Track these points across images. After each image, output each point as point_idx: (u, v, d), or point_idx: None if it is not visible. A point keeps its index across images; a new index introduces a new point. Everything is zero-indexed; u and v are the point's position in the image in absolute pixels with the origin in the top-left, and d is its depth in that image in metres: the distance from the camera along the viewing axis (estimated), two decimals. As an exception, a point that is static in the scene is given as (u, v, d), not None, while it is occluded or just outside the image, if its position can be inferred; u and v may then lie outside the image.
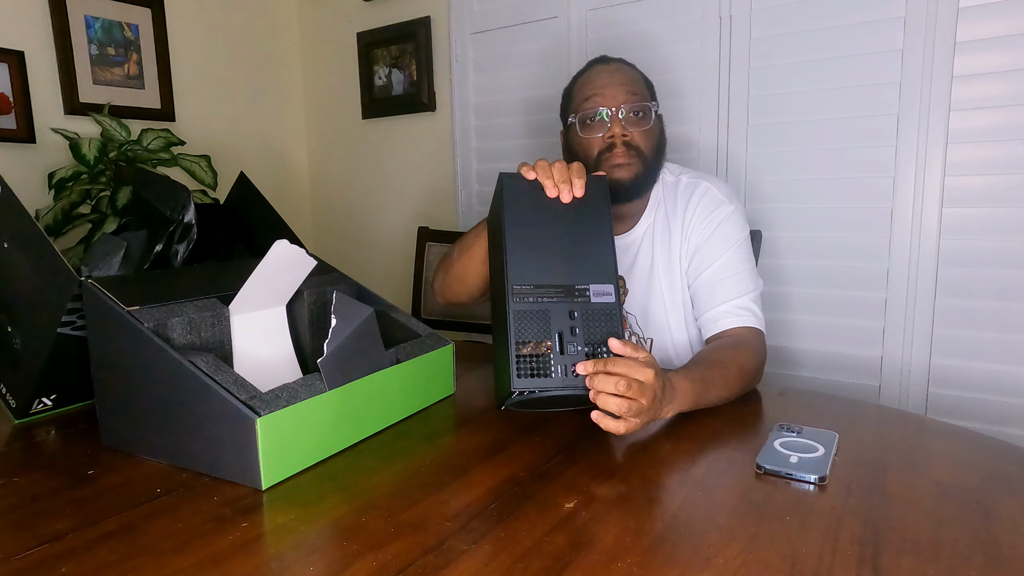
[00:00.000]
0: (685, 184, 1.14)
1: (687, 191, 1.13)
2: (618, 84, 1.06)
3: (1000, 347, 1.35)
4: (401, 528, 0.58)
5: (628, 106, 1.05)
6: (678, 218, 1.12)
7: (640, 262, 1.14)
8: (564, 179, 0.84)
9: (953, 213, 1.38)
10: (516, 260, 0.79)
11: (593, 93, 1.07)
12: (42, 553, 0.55)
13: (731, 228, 1.08)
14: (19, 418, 0.87)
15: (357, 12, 2.25)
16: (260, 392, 0.68)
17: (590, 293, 0.78)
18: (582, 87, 1.10)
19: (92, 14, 1.87)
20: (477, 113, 2.03)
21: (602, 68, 1.10)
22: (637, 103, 1.06)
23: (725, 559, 0.53)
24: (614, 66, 1.11)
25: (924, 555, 0.53)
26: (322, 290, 0.93)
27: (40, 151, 1.79)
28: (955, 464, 0.71)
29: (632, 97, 1.06)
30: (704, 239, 1.09)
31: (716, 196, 1.10)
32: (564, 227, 0.82)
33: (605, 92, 1.06)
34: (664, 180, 1.16)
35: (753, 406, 0.90)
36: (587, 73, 1.12)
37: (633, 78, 1.09)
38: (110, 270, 0.90)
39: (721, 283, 1.06)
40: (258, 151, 2.36)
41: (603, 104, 1.05)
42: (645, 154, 1.07)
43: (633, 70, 1.12)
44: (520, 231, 0.80)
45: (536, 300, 0.77)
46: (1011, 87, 1.30)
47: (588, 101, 1.07)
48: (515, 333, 0.75)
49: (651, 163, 1.09)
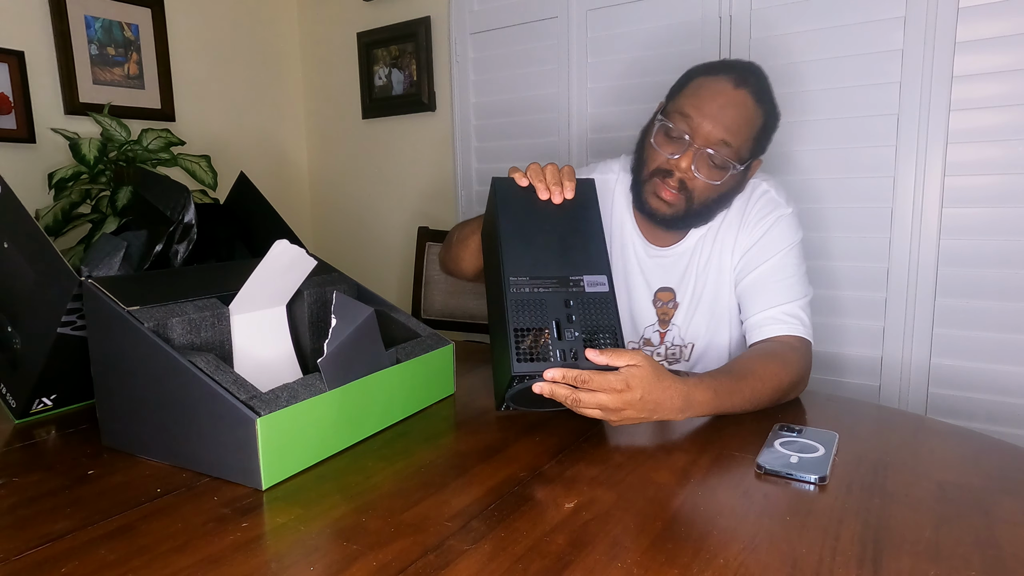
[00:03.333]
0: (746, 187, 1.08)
1: (745, 193, 1.07)
2: (723, 123, 0.94)
3: (1000, 347, 1.35)
4: (401, 528, 0.58)
5: (711, 151, 0.95)
6: (734, 220, 1.06)
7: (690, 274, 1.10)
8: (555, 181, 0.86)
9: (953, 213, 1.38)
10: (511, 255, 0.81)
11: (691, 113, 0.96)
12: (42, 553, 0.55)
13: (784, 231, 1.04)
14: (19, 418, 0.87)
15: (357, 12, 2.25)
16: (260, 392, 0.68)
17: (584, 284, 0.80)
18: (692, 95, 0.98)
19: (92, 14, 1.87)
20: (477, 113, 2.03)
21: (725, 91, 0.95)
22: (723, 156, 0.95)
23: (725, 559, 0.53)
24: (739, 97, 0.95)
25: (924, 555, 0.53)
26: (322, 290, 0.93)
27: (40, 151, 1.79)
28: (955, 464, 0.71)
29: (722, 148, 0.95)
30: (756, 240, 1.04)
31: (774, 198, 1.06)
32: (556, 225, 0.84)
33: (702, 123, 0.95)
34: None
35: (753, 406, 0.90)
36: (709, 83, 0.97)
37: (744, 122, 0.96)
38: (110, 270, 0.90)
39: (768, 287, 1.02)
40: (258, 151, 2.36)
41: (689, 133, 0.96)
42: (695, 204, 1.00)
43: (756, 109, 0.97)
44: (514, 229, 0.83)
45: (532, 290, 0.79)
46: (1011, 87, 1.30)
47: (681, 117, 0.97)
48: (513, 320, 0.76)
49: (698, 212, 1.02)
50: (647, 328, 1.14)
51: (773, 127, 1.02)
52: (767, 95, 0.99)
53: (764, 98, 0.98)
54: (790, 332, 0.98)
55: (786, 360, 0.91)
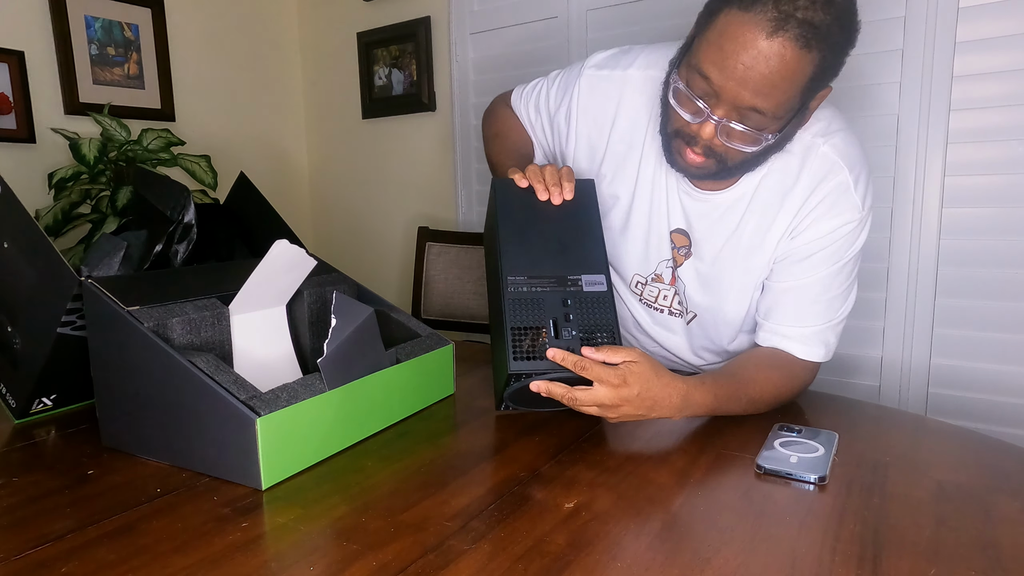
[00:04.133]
0: (822, 157, 0.86)
1: (821, 169, 0.86)
2: (751, 86, 0.74)
3: (1000, 347, 1.35)
4: (401, 528, 0.58)
5: (739, 123, 0.78)
6: (796, 197, 0.88)
7: (720, 230, 0.93)
8: (554, 182, 0.86)
9: (953, 213, 1.38)
10: (510, 254, 0.82)
11: (712, 75, 0.75)
12: (42, 553, 0.55)
13: (847, 242, 0.88)
14: (19, 418, 0.87)
15: (357, 12, 2.25)
16: (260, 392, 0.68)
17: (582, 283, 0.81)
18: (715, 45, 0.75)
19: (92, 14, 1.87)
20: (477, 113, 2.03)
21: (753, 39, 0.72)
22: (753, 124, 0.77)
23: (725, 559, 0.53)
24: (775, 49, 0.71)
25: (924, 555, 0.53)
26: (322, 290, 0.93)
27: (40, 151, 1.79)
28: (955, 464, 0.71)
29: (751, 117, 0.77)
30: (809, 245, 0.88)
31: (851, 200, 0.86)
32: (555, 226, 0.85)
33: (726, 86, 0.75)
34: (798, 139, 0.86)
35: (753, 406, 0.90)
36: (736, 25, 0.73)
37: (780, 83, 0.73)
38: (110, 270, 0.90)
39: (807, 303, 0.90)
40: (258, 151, 2.36)
41: (708, 100, 0.78)
42: (728, 163, 0.84)
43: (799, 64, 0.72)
44: (513, 229, 0.84)
45: (530, 289, 0.80)
46: (1011, 87, 1.30)
47: (701, 79, 0.77)
48: (510, 319, 0.77)
49: (736, 168, 0.86)
50: (661, 263, 1.00)
51: (840, 58, 0.76)
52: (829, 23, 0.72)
53: (820, 32, 0.71)
54: (806, 358, 0.90)
55: (792, 374, 0.89)
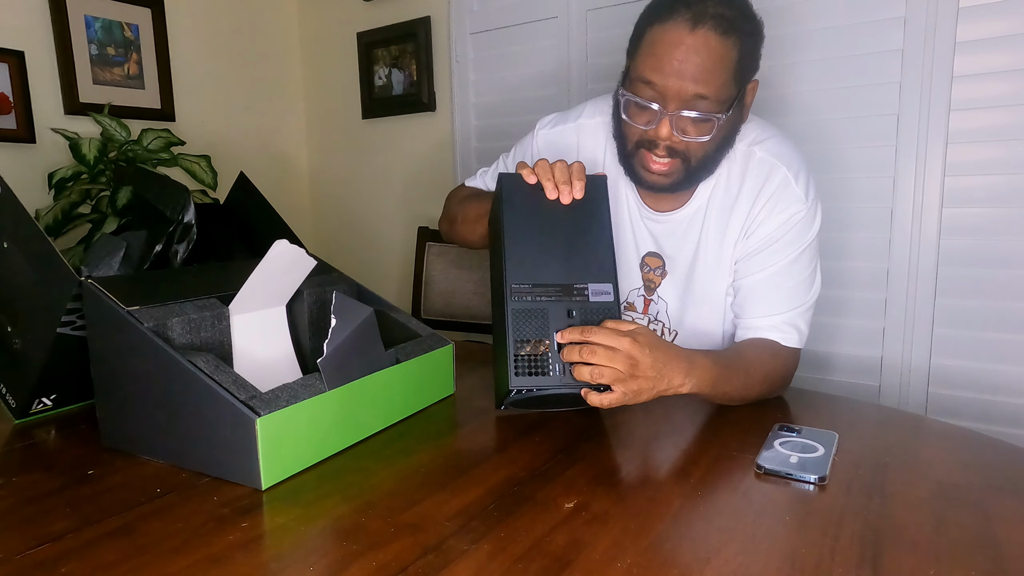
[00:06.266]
0: (759, 161, 0.95)
1: (760, 173, 0.94)
2: (689, 76, 0.83)
3: (1000, 347, 1.35)
4: (401, 528, 0.58)
5: (688, 111, 0.85)
6: (744, 202, 0.95)
7: (687, 244, 1.01)
8: (564, 180, 0.82)
9: (953, 213, 1.37)
10: (515, 260, 0.79)
11: (653, 78, 0.85)
12: (42, 553, 0.55)
13: (799, 232, 0.94)
14: (19, 418, 0.87)
15: (357, 12, 2.25)
16: (260, 392, 0.68)
17: (588, 292, 0.79)
18: (648, 55, 0.85)
19: (92, 14, 1.87)
20: (477, 113, 2.03)
21: (679, 37, 0.82)
22: (702, 111, 0.85)
23: (725, 559, 0.53)
24: (700, 38, 0.82)
25: (924, 555, 0.53)
26: (322, 290, 0.93)
27: (40, 151, 1.79)
28: (955, 464, 0.71)
29: (698, 103, 0.84)
30: (763, 240, 0.95)
31: (794, 193, 0.93)
32: (563, 227, 0.82)
33: (668, 83, 0.83)
34: (734, 151, 0.96)
35: (753, 406, 0.90)
36: (663, 37, 0.84)
37: (715, 65, 0.83)
38: (110, 270, 0.90)
39: (771, 293, 0.95)
40: (258, 151, 2.36)
41: (657, 100, 0.86)
42: (691, 163, 0.90)
43: (723, 49, 0.83)
44: (519, 231, 0.81)
45: (534, 299, 0.78)
46: (1011, 87, 1.30)
47: (644, 86, 0.86)
48: (513, 332, 0.76)
49: (697, 169, 0.92)
50: (632, 292, 1.08)
51: (755, 48, 0.88)
52: (736, 16, 0.84)
53: (734, 23, 0.83)
54: (785, 344, 0.94)
55: (776, 353, 0.93)
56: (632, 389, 0.75)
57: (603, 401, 0.75)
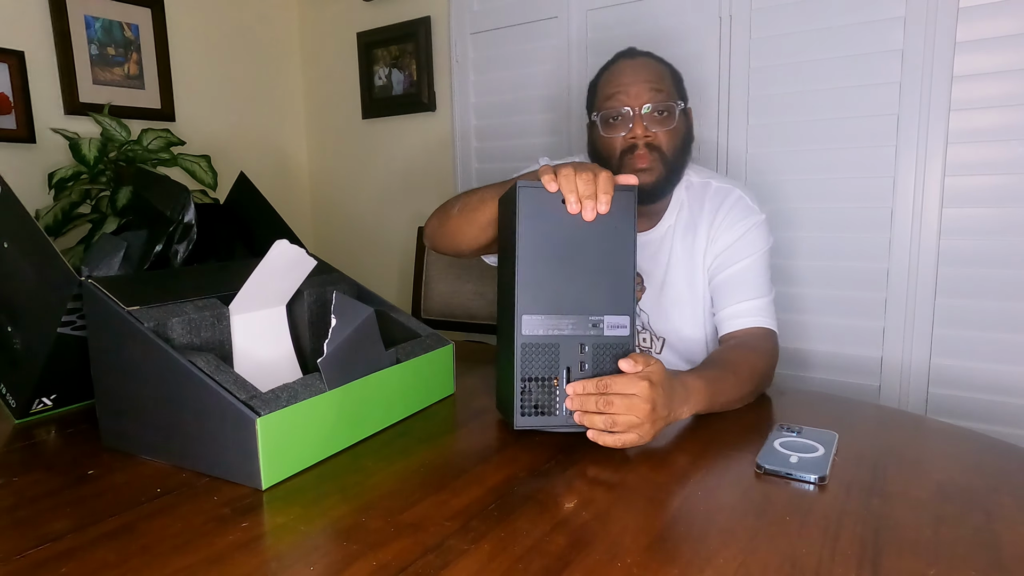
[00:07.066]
0: (716, 189, 1.12)
1: (717, 196, 1.11)
2: (642, 81, 1.03)
3: (1000, 347, 1.35)
4: (401, 528, 0.58)
5: (652, 105, 1.02)
6: (705, 221, 1.11)
7: (659, 260, 1.13)
8: (589, 193, 0.73)
9: (953, 213, 1.38)
10: (527, 285, 0.74)
11: (616, 91, 1.04)
12: (42, 553, 0.55)
13: (758, 235, 1.09)
14: (19, 418, 0.87)
15: (357, 12, 2.25)
16: (260, 392, 0.68)
17: (604, 325, 0.75)
18: (606, 84, 1.07)
19: (92, 14, 1.87)
20: (477, 113, 2.03)
21: (626, 63, 1.07)
22: (661, 102, 1.03)
23: (725, 559, 0.53)
24: (640, 60, 1.07)
25: (924, 555, 0.53)
26: (322, 290, 0.93)
27: (40, 151, 1.79)
28: (955, 464, 0.71)
29: (656, 95, 1.03)
30: (731, 242, 1.08)
31: (748, 204, 1.10)
32: (584, 248, 0.75)
33: (629, 90, 1.03)
34: (690, 181, 1.14)
35: (753, 406, 0.90)
36: (611, 68, 1.09)
37: (659, 74, 1.06)
38: (110, 270, 0.90)
39: (742, 283, 1.06)
40: (258, 151, 2.36)
41: (626, 103, 1.03)
42: (668, 156, 1.05)
43: (659, 64, 1.08)
44: (534, 253, 0.74)
45: (546, 332, 0.74)
46: (1011, 87, 1.30)
47: (611, 99, 1.04)
48: (521, 368, 0.74)
49: (674, 165, 1.07)
50: None
51: (681, 81, 1.11)
52: (650, 53, 1.10)
53: (661, 60, 1.10)
54: (760, 324, 1.03)
55: (758, 349, 0.97)
56: (648, 433, 0.73)
57: (617, 442, 0.72)
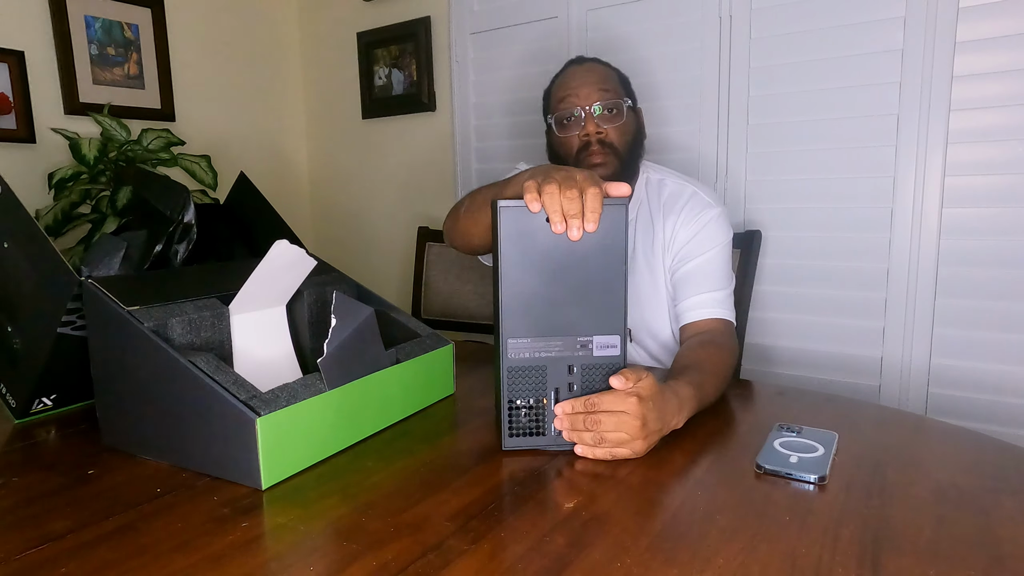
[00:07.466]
0: (672, 186, 1.18)
1: (673, 192, 1.17)
2: (591, 83, 1.11)
3: (1000, 347, 1.35)
4: (401, 528, 0.58)
5: (601, 104, 1.09)
6: (662, 217, 1.16)
7: None
8: (575, 212, 0.68)
9: (953, 213, 1.38)
10: (512, 308, 0.71)
11: (567, 94, 1.12)
12: (42, 553, 0.55)
13: (717, 229, 1.13)
14: (19, 418, 0.87)
15: (357, 12, 2.25)
16: (260, 392, 0.68)
17: (593, 345, 0.73)
18: (558, 89, 1.15)
19: (92, 14, 1.87)
20: (477, 113, 2.03)
21: (575, 69, 1.15)
22: (609, 100, 1.10)
23: (725, 559, 0.53)
24: (587, 66, 1.15)
25: (924, 555, 0.53)
26: (322, 290, 0.93)
27: (40, 151, 1.79)
28: (955, 464, 0.71)
29: (604, 95, 1.10)
30: (690, 237, 1.13)
31: (704, 200, 1.15)
32: (570, 267, 0.71)
33: (579, 92, 1.10)
34: (648, 179, 1.20)
35: (753, 406, 0.90)
36: (562, 75, 1.16)
37: (605, 76, 1.13)
38: (110, 270, 0.90)
39: (704, 276, 1.10)
40: (258, 151, 2.36)
41: (577, 103, 1.10)
42: (620, 150, 1.11)
43: (606, 68, 1.15)
44: (518, 274, 0.71)
45: (532, 355, 0.73)
46: (1011, 87, 1.30)
47: (563, 102, 1.12)
48: (508, 390, 0.73)
49: (627, 159, 1.13)
50: None
51: (628, 80, 1.18)
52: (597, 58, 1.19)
53: (600, 61, 1.18)
54: (719, 316, 1.07)
55: (724, 347, 0.99)
56: (641, 448, 0.71)
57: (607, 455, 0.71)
